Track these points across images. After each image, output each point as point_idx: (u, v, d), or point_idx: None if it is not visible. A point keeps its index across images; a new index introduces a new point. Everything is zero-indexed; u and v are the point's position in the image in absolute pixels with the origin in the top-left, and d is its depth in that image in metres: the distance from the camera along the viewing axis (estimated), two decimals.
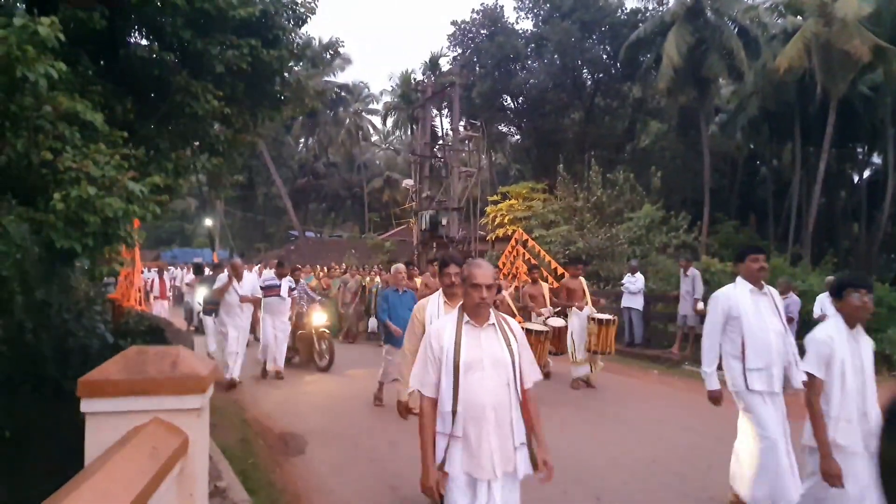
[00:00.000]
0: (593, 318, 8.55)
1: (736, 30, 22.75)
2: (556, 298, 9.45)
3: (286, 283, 9.47)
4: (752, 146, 29.01)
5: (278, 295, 9.25)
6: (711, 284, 14.26)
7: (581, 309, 8.83)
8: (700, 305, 10.59)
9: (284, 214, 39.80)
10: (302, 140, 45.51)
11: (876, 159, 28.04)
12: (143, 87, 5.35)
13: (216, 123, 5.81)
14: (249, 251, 37.72)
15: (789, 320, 7.33)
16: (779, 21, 23.58)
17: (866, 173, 28.57)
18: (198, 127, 5.35)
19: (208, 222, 37.80)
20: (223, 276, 8.69)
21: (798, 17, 21.88)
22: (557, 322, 8.88)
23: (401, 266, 7.64)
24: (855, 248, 25.59)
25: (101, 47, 5.11)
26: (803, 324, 9.61)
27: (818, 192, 21.70)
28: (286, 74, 6.01)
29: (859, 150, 27.42)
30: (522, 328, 6.50)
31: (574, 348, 8.79)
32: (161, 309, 15.51)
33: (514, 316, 7.07)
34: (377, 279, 14.57)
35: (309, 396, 8.35)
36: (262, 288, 9.30)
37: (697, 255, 18.40)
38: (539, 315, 9.23)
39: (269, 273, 13.15)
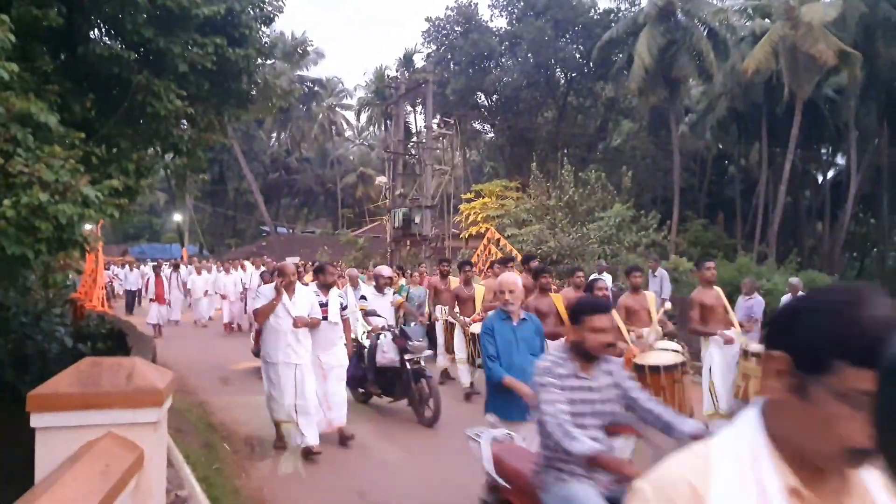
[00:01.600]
0: (749, 352, 5.55)
1: (706, 32, 23.13)
2: (666, 321, 6.50)
3: (336, 298, 6.32)
4: (720, 146, 29.55)
5: (325, 318, 6.05)
6: (680, 283, 14.53)
7: (729, 340, 5.85)
8: (668, 305, 10.72)
9: (256, 209, 39.28)
10: (274, 134, 44.96)
11: (839, 160, 28.80)
12: (103, 85, 5.22)
13: (180, 123, 5.69)
14: (220, 247, 37.18)
15: (753, 321, 7.47)
16: (747, 24, 24.05)
17: (830, 174, 29.33)
18: (160, 126, 5.22)
19: (177, 217, 37.13)
20: (266, 289, 5.85)
21: (766, 20, 22.34)
22: (670, 355, 5.51)
23: (510, 277, 4.59)
24: (818, 246, 26.25)
25: (59, 45, 4.97)
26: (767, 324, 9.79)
27: (784, 192, 22.20)
28: (253, 73, 5.91)
29: (823, 151, 28.14)
30: (638, 365, 5.33)
31: (715, 397, 5.94)
32: (158, 315, 13.57)
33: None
34: (413, 286, 10.61)
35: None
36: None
37: (667, 253, 18.69)
38: (639, 337, 5.93)
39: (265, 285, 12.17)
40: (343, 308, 6.46)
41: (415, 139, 27.26)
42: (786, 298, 9.69)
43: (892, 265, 25.35)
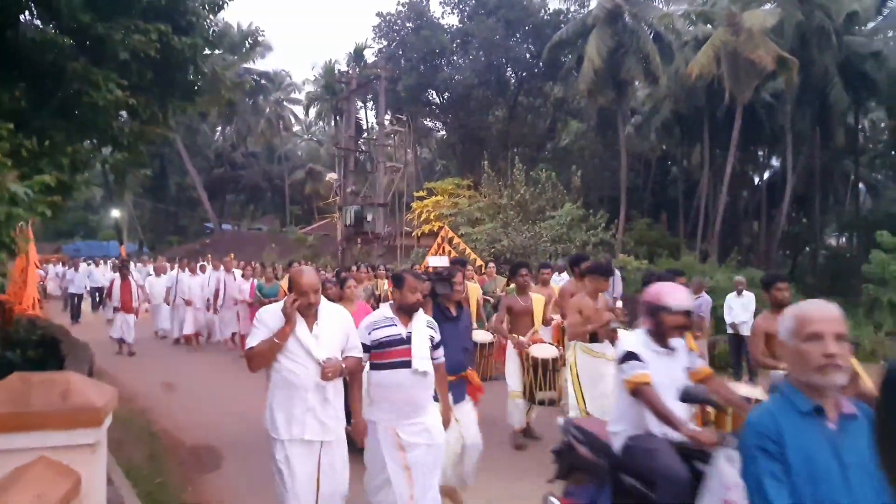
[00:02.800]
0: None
1: (652, 35, 23.65)
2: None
3: (424, 329, 3.69)
4: (664, 147, 30.39)
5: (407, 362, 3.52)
6: (627, 282, 14.81)
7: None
8: (619, 304, 10.86)
9: (199, 206, 38.00)
10: (219, 129, 43.61)
11: (774, 162, 30.08)
12: (36, 73, 4.82)
13: (120, 115, 5.32)
14: (161, 244, 35.76)
15: (699, 320, 7.61)
16: (691, 29, 24.75)
17: (766, 175, 30.59)
18: (98, 118, 4.86)
19: (115, 213, 35.54)
20: (269, 313, 3.42)
21: (709, 25, 23.04)
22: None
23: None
24: (755, 245, 27.35)
25: None
26: (718, 321, 10.06)
27: (725, 193, 22.99)
28: (200, 63, 5.59)
29: (760, 153, 29.31)
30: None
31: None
32: (125, 327, 10.87)
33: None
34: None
35: (225, 404, 7.83)
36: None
37: (614, 252, 19.05)
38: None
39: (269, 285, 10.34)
40: (436, 346, 3.73)
41: (366, 135, 26.88)
42: (731, 296, 9.95)
43: (823, 263, 26.65)
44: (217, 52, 5.77)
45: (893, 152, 29.02)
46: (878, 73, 20.95)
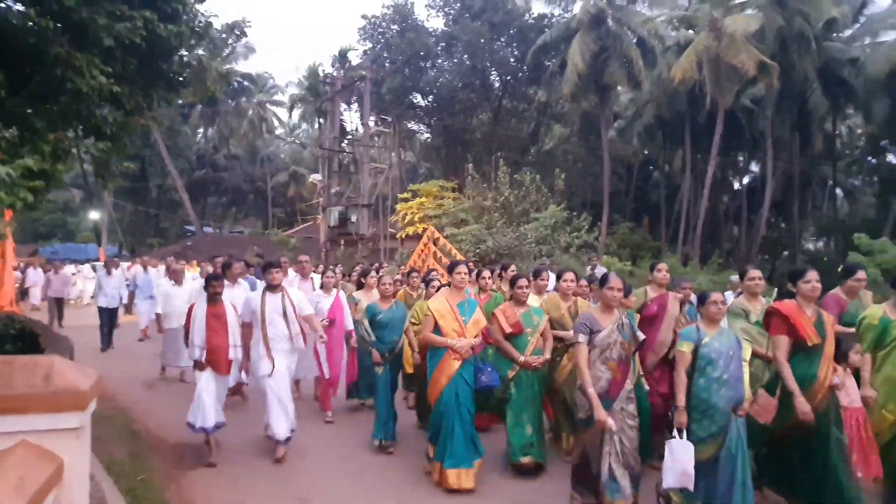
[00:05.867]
0: None
1: (635, 40, 23.91)
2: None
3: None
4: (646, 152, 30.72)
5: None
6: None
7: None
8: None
9: (180, 208, 37.53)
10: (200, 130, 43.14)
11: (754, 167, 30.53)
12: (16, 57, 4.68)
13: (104, 103, 5.20)
14: (141, 246, 35.23)
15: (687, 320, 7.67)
16: (673, 34, 25.04)
17: (746, 180, 31.03)
18: (82, 106, 4.74)
19: (94, 215, 34.96)
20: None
21: (691, 31, 23.34)
22: None
23: None
24: (735, 249, 27.69)
25: None
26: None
27: (707, 197, 23.26)
28: (185, 53, 5.49)
29: (740, 158, 29.73)
30: None
31: None
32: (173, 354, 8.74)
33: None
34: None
35: None
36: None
37: (598, 254, 19.17)
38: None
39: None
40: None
41: (350, 137, 26.75)
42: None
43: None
44: (203, 42, 5.65)
45: (870, 158, 29.60)
46: (856, 79, 21.36)
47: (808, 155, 26.40)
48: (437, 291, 6.22)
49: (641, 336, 4.61)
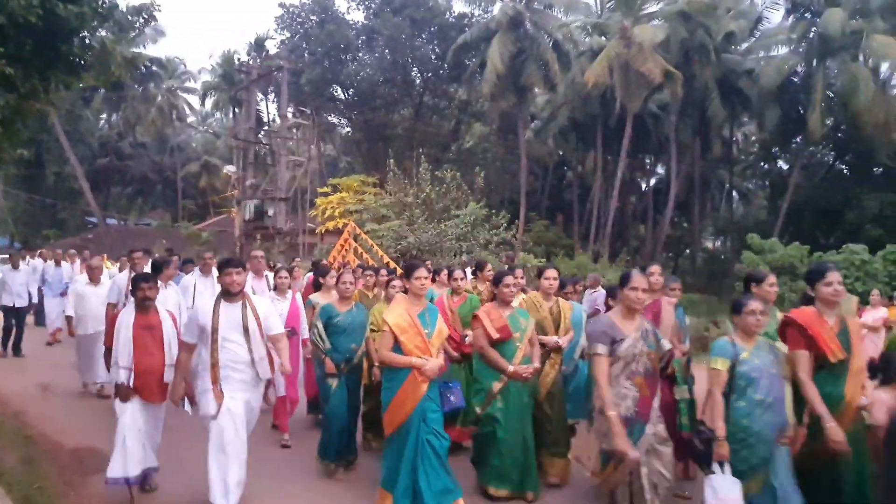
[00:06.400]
0: None
1: (551, 44, 24.62)
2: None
3: None
4: (560, 153, 31.77)
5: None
6: (528, 279, 15.38)
7: None
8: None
9: (80, 198, 35.05)
10: (104, 116, 40.42)
11: (660, 170, 32.29)
12: None
13: None
14: (35, 238, 32.66)
15: (595, 312, 8.05)
16: (587, 40, 26.02)
17: (652, 181, 32.75)
18: None
19: None
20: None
21: (603, 37, 24.34)
22: None
23: None
24: (642, 247, 29.19)
25: None
26: None
27: (615, 197, 24.37)
28: (87, 35, 5.17)
29: (647, 160, 31.36)
30: None
31: None
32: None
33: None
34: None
35: (108, 403, 7.28)
36: None
37: (516, 251, 19.69)
38: None
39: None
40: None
41: (267, 128, 25.98)
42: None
43: (701, 264, 28.96)
44: (107, 24, 5.32)
45: (762, 163, 32.04)
46: (751, 89, 23.01)
47: (708, 159, 28.23)
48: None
49: (668, 345, 4.09)
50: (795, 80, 23.24)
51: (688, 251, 31.34)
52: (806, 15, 21.87)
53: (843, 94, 21.22)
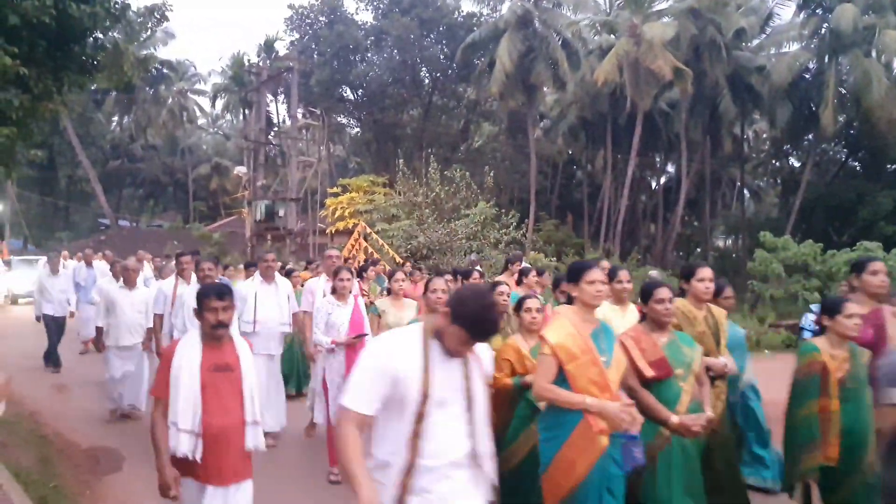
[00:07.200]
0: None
1: (560, 42, 24.55)
2: None
3: None
4: (570, 151, 31.68)
5: None
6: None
7: None
8: None
9: (93, 200, 35.39)
10: (115, 118, 40.75)
11: (670, 168, 32.12)
12: None
13: (9, 86, 4.84)
14: (48, 241, 33.00)
15: None
16: (596, 38, 25.92)
17: (662, 180, 32.59)
18: None
19: None
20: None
21: (612, 35, 24.24)
22: None
23: None
24: (652, 245, 29.05)
25: None
26: None
27: (625, 196, 24.26)
28: (100, 36, 5.19)
29: (657, 158, 31.20)
30: None
31: None
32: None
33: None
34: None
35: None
36: None
37: (525, 250, 19.63)
38: None
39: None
40: None
41: (277, 129, 26.05)
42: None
43: (712, 263, 28.71)
44: (119, 24, 5.34)
45: (774, 161, 31.78)
46: (762, 86, 22.83)
47: (719, 157, 28.05)
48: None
49: None
50: (807, 76, 23.05)
51: (699, 250, 31.12)
52: (818, 11, 21.68)
53: (855, 91, 21.03)
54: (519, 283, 5.81)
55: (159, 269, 9.00)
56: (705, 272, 3.82)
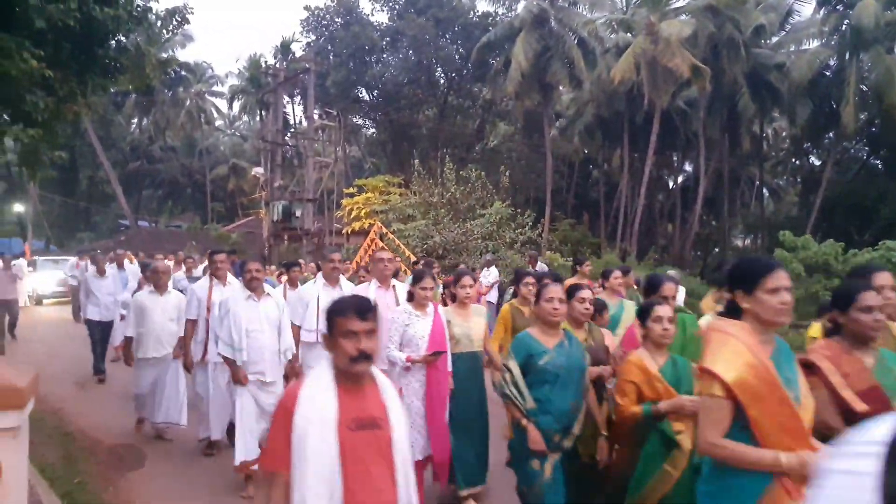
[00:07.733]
0: None
1: (576, 41, 24.41)
2: None
3: None
4: (586, 151, 31.47)
5: None
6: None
7: None
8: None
9: (113, 201, 35.90)
10: (135, 120, 41.31)
11: (687, 167, 31.81)
12: None
13: (35, 88, 4.92)
14: (70, 241, 33.53)
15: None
16: (612, 36, 25.73)
17: (680, 179, 32.28)
18: (11, 91, 4.49)
19: (19, 208, 33.11)
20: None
21: (629, 34, 24.05)
22: None
23: None
24: (670, 245, 28.78)
25: None
26: None
27: (642, 195, 24.06)
28: (122, 38, 5.27)
29: (675, 157, 30.90)
30: None
31: None
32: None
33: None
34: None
35: None
36: None
37: (540, 250, 19.56)
38: None
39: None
40: None
41: (293, 130, 26.22)
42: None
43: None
44: (141, 27, 5.41)
45: (794, 159, 31.34)
46: (782, 84, 22.51)
47: (738, 155, 27.70)
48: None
49: None
50: (827, 73, 22.69)
51: (717, 250, 30.78)
52: (838, 7, 21.32)
53: (877, 88, 20.65)
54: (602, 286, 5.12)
55: (189, 268, 9.18)
56: (885, 277, 3.02)
